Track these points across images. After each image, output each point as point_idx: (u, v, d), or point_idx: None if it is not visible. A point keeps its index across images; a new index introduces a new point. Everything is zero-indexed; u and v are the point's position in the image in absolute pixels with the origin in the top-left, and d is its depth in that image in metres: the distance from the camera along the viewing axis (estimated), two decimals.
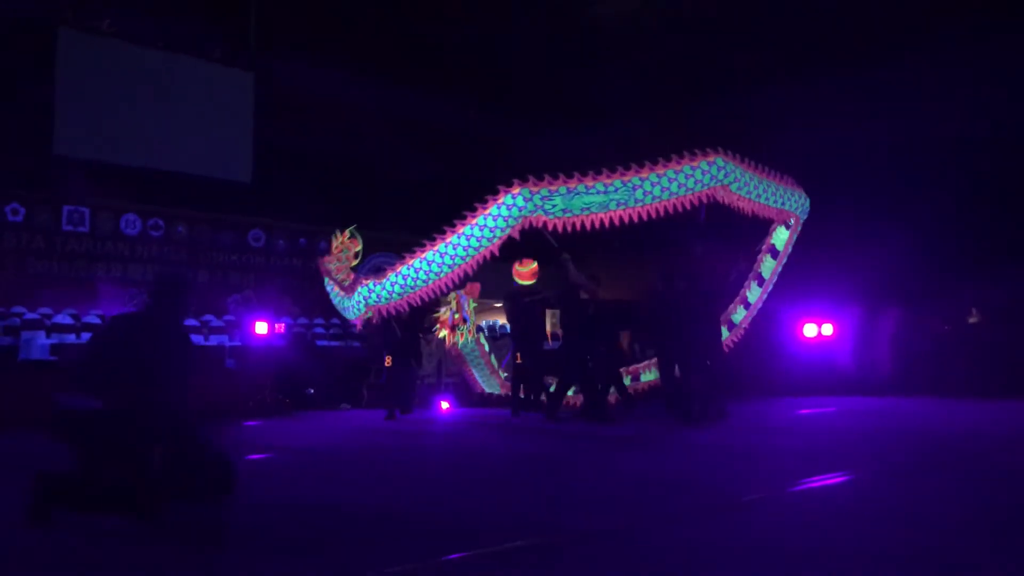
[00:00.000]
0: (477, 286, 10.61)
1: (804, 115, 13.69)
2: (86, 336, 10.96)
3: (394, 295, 9.12)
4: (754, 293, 10.87)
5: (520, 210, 8.40)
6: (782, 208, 10.28)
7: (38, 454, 4.14)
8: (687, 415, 8.80)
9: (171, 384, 4.01)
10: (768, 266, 10.84)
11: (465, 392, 11.75)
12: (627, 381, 10.75)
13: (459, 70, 15.42)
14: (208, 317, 12.85)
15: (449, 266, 8.76)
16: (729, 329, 10.75)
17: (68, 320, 11.81)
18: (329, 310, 14.68)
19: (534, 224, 8.57)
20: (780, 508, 4.38)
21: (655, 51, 14.90)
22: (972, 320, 14.52)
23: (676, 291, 9.30)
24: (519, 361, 10.19)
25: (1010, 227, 13.34)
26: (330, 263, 10.68)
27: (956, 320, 14.66)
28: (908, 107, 13.31)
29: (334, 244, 10.92)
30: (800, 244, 10.98)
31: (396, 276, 9.07)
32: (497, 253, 8.79)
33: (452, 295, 10.59)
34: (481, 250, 8.65)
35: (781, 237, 10.82)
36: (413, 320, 10.47)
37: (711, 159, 9.07)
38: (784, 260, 10.94)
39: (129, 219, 13.74)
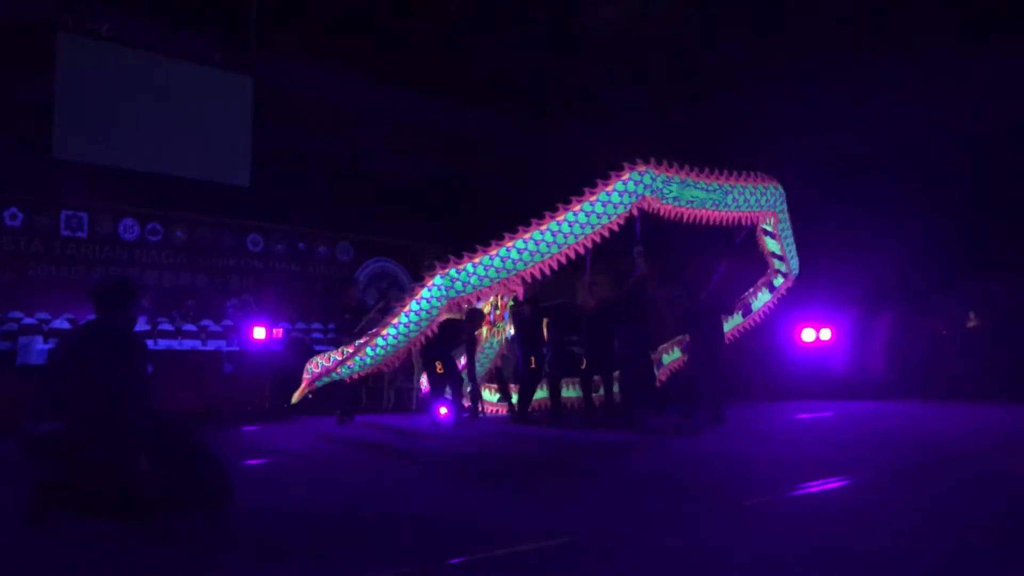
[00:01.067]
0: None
1: (801, 118, 13.70)
2: None
3: (485, 280, 8.35)
4: None
5: (645, 188, 8.41)
6: (789, 260, 10.49)
7: None
8: (686, 416, 8.94)
9: (126, 391, 3.88)
10: (734, 322, 10.79)
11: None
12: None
13: (459, 73, 15.42)
14: (206, 322, 12.82)
15: (560, 245, 8.32)
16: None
17: (66, 325, 11.77)
18: (329, 314, 14.74)
19: (650, 206, 8.55)
20: (779, 512, 4.38)
21: (655, 53, 14.91)
22: (970, 324, 14.55)
23: (693, 299, 9.41)
24: (533, 366, 10.17)
25: (1008, 231, 13.36)
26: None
27: (954, 324, 14.69)
28: (905, 110, 13.32)
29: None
30: (798, 248, 11.00)
31: (490, 258, 8.33)
32: (608, 235, 8.46)
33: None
34: (599, 227, 8.34)
35: (762, 299, 10.94)
36: (474, 325, 10.38)
37: (776, 184, 9.55)
38: (752, 323, 10.94)
39: (127, 224, 13.73)
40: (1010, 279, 12.99)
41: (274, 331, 11.75)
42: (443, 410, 10.26)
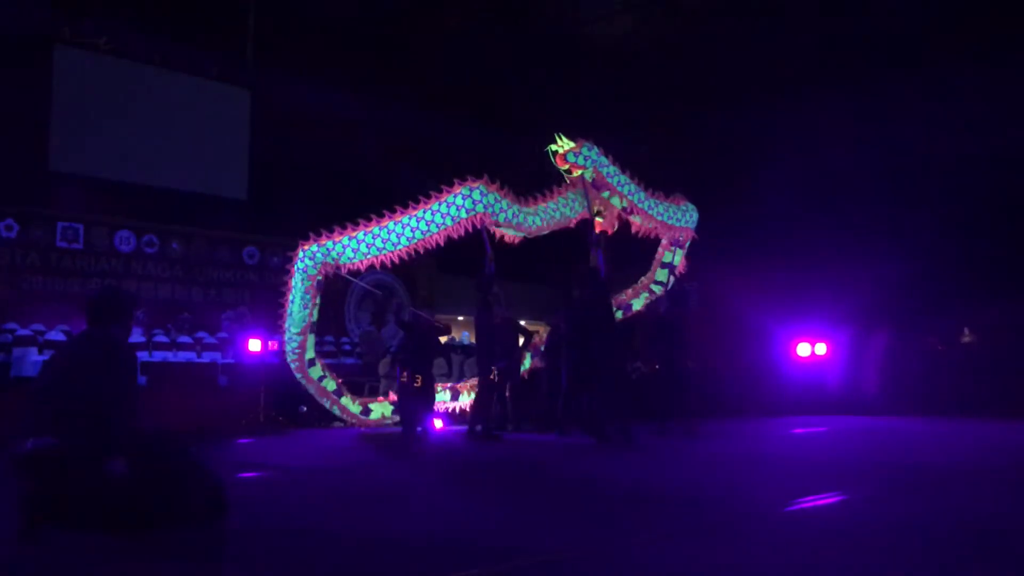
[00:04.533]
0: None
1: (797, 137, 13.76)
2: None
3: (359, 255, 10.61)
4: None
5: (475, 203, 9.85)
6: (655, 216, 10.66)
7: None
8: (602, 434, 8.77)
9: (115, 404, 3.87)
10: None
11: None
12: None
13: (454, 86, 15.50)
14: (201, 334, 12.81)
15: (408, 239, 10.30)
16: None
17: (61, 337, 11.75)
18: (323, 327, 14.71)
19: (486, 222, 9.91)
20: (773, 528, 4.38)
21: (651, 72, 14.99)
22: (965, 340, 14.58)
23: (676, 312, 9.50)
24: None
25: (1002, 247, 13.40)
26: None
27: (949, 340, 14.72)
28: (900, 129, 13.39)
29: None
30: (794, 265, 11.01)
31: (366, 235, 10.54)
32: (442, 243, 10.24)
33: None
34: (434, 233, 10.13)
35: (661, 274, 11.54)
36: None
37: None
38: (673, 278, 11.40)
39: (123, 236, 13.71)
40: (1006, 295, 13.01)
41: (269, 343, 11.74)
42: (438, 423, 10.24)
